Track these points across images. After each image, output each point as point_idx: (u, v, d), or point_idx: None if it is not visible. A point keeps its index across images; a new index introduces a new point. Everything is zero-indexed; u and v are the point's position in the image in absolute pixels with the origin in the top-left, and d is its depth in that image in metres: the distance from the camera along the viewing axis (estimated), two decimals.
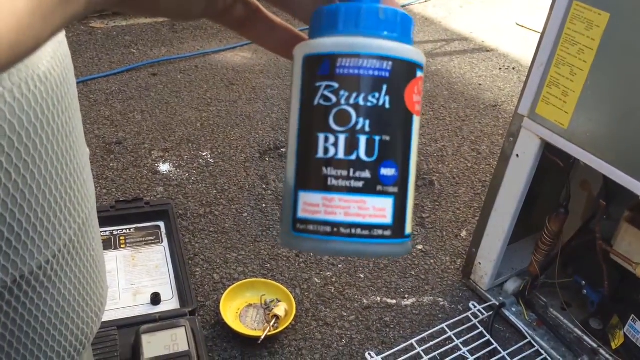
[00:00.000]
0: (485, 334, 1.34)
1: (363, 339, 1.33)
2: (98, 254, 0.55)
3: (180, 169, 1.80)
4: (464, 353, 1.29)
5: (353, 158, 0.27)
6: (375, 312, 1.40)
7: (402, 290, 1.47)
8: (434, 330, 1.34)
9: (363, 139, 0.27)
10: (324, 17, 0.28)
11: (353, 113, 0.27)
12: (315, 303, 1.40)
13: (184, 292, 1.29)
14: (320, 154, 0.27)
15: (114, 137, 1.91)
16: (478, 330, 1.35)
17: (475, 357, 1.29)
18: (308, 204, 0.28)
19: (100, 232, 1.19)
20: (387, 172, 0.27)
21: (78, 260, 0.49)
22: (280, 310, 1.30)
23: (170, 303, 1.29)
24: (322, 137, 0.27)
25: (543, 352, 1.31)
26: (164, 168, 1.80)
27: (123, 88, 2.20)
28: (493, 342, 1.32)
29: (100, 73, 2.27)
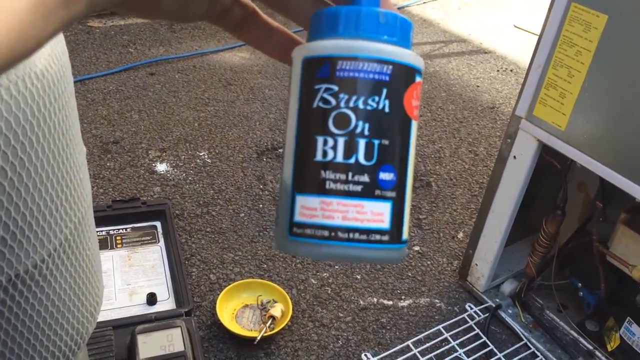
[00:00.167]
0: (482, 336, 1.34)
1: (359, 340, 1.33)
2: (94, 254, 0.54)
3: (178, 169, 1.80)
4: (460, 354, 1.29)
5: (352, 162, 0.27)
6: (372, 313, 1.40)
7: (398, 292, 1.47)
8: (431, 332, 1.34)
9: (362, 143, 0.27)
10: (324, 19, 0.28)
11: (352, 116, 0.27)
12: (312, 304, 1.40)
13: (180, 292, 1.29)
14: (319, 157, 0.27)
15: (111, 136, 1.91)
16: (474, 332, 1.35)
17: (472, 358, 1.29)
18: (305, 208, 0.27)
19: (97, 231, 1.19)
20: (385, 176, 0.27)
21: (73, 260, 0.49)
22: (277, 311, 1.29)
23: (166, 303, 1.29)
24: (320, 140, 0.27)
25: (539, 354, 1.32)
26: (161, 168, 1.79)
27: (120, 87, 2.19)
28: (489, 343, 1.32)
29: (98, 72, 2.26)
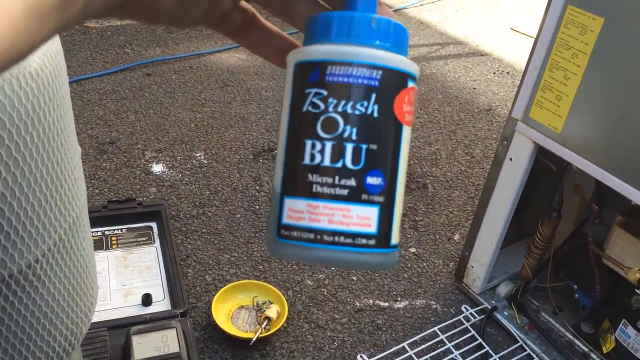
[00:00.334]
0: (477, 338, 1.34)
1: (355, 342, 1.32)
2: (88, 254, 0.54)
3: (174, 170, 1.79)
4: (456, 356, 1.29)
5: (339, 166, 0.27)
6: (368, 314, 1.40)
7: (394, 293, 1.47)
8: (426, 334, 1.34)
9: (349, 147, 0.27)
10: (318, 25, 0.28)
11: (340, 121, 0.27)
12: (308, 305, 1.40)
13: (176, 293, 1.29)
14: (307, 161, 0.27)
15: (107, 137, 1.90)
16: (470, 334, 1.35)
17: None
18: (293, 210, 0.27)
19: (92, 232, 1.19)
20: (373, 181, 0.27)
21: (68, 260, 0.48)
22: (272, 312, 1.29)
23: (162, 304, 1.28)
24: (309, 143, 0.27)
25: (534, 355, 1.32)
26: (157, 168, 1.79)
27: (117, 88, 2.19)
28: (485, 345, 1.32)
29: (94, 72, 2.26)
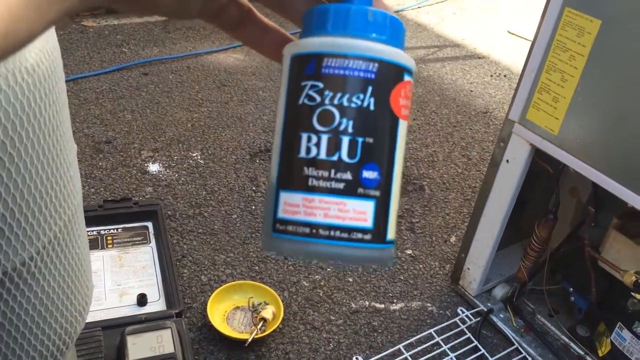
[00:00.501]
0: (473, 340, 1.34)
1: (351, 343, 1.32)
2: (83, 253, 0.54)
3: (170, 170, 1.79)
4: (452, 358, 1.29)
5: (335, 159, 0.26)
6: (364, 316, 1.40)
7: (390, 295, 1.47)
8: (422, 336, 1.34)
9: (346, 140, 0.26)
10: (314, 17, 0.28)
11: (337, 113, 0.26)
12: (303, 306, 1.39)
13: (171, 293, 1.28)
14: (303, 154, 0.27)
15: (104, 136, 1.90)
16: (466, 336, 1.35)
17: None
18: (288, 204, 0.27)
19: (87, 231, 1.18)
20: (369, 174, 0.27)
21: (62, 258, 0.48)
22: (268, 313, 1.29)
23: (157, 304, 1.28)
24: (305, 136, 0.27)
25: (530, 358, 1.32)
26: (154, 168, 1.78)
27: (114, 87, 2.18)
28: (480, 348, 1.32)
29: (91, 71, 2.25)
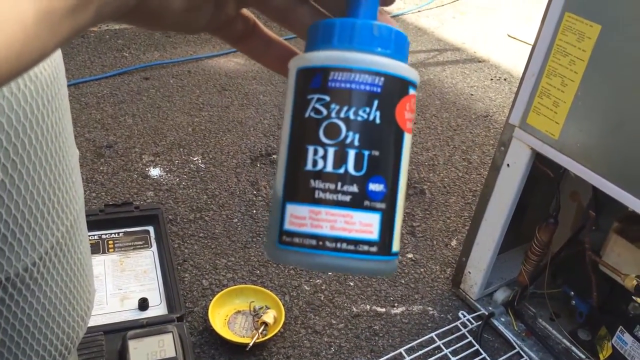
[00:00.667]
0: (474, 344, 1.34)
1: (352, 347, 1.32)
2: (85, 258, 0.54)
3: (171, 174, 1.79)
4: None
5: (341, 172, 0.27)
6: (365, 320, 1.40)
7: (391, 299, 1.47)
8: (423, 340, 1.34)
9: (352, 153, 0.27)
10: (319, 31, 0.29)
11: (343, 127, 0.27)
12: (305, 310, 1.39)
13: (172, 297, 1.28)
14: (309, 167, 0.27)
15: (105, 140, 1.90)
16: (467, 340, 1.35)
17: None
18: (295, 217, 0.27)
19: (89, 236, 1.18)
20: (375, 187, 0.27)
21: (65, 263, 0.48)
22: (269, 317, 1.29)
23: (158, 309, 1.28)
24: (311, 149, 0.27)
25: None
26: (155, 172, 1.79)
27: (115, 91, 2.19)
28: (482, 351, 1.32)
29: (92, 76, 2.26)
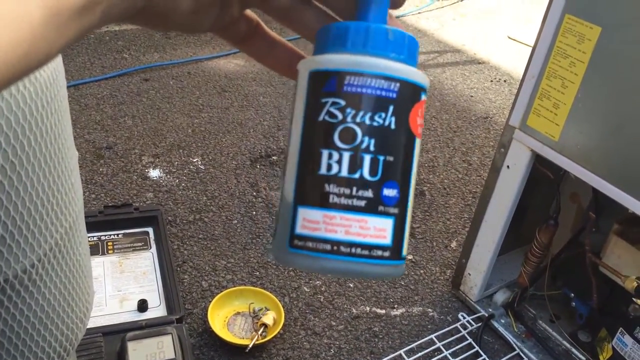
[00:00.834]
0: (474, 345, 1.34)
1: (352, 349, 1.32)
2: (84, 259, 0.54)
3: (171, 175, 1.79)
4: None
5: (356, 177, 0.27)
6: (364, 321, 1.39)
7: (391, 300, 1.46)
8: (423, 341, 1.34)
9: (367, 158, 0.27)
10: (332, 34, 0.28)
11: (358, 131, 0.27)
12: (304, 312, 1.39)
13: (172, 299, 1.28)
14: (323, 171, 0.27)
15: (104, 141, 1.90)
16: (467, 342, 1.35)
17: None
18: (308, 220, 0.27)
19: (88, 237, 1.18)
20: (389, 192, 0.27)
21: (64, 265, 0.48)
22: (269, 319, 1.29)
23: (157, 310, 1.28)
24: (325, 153, 0.27)
25: None
26: (154, 174, 1.79)
27: (114, 93, 2.19)
28: (482, 353, 1.32)
29: (92, 77, 2.26)
